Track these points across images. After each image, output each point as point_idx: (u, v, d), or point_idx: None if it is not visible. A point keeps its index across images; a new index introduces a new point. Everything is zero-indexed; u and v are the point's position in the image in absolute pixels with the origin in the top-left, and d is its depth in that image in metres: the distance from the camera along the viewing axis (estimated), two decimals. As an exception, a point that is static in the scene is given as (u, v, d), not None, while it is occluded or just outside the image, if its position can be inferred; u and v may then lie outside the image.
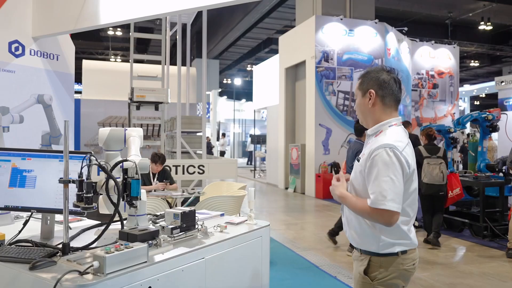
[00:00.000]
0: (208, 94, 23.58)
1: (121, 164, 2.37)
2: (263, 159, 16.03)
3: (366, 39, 10.87)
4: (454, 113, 13.66)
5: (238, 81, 25.39)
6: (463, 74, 27.82)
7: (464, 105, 24.24)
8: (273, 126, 13.10)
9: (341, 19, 10.60)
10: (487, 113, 6.46)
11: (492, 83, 15.21)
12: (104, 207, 2.68)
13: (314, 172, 10.38)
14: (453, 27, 21.16)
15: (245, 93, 28.04)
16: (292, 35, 11.98)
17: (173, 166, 7.44)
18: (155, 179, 5.87)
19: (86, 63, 11.70)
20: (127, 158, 2.53)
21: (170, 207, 5.61)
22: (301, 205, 9.34)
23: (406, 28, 12.12)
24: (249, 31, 23.86)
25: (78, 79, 12.07)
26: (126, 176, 2.28)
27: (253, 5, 18.14)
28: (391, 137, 1.79)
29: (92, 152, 2.24)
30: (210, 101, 22.95)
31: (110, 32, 24.17)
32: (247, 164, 17.52)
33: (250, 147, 18.88)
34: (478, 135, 7.65)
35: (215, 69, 29.55)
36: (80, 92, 11.88)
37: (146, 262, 1.89)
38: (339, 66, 10.62)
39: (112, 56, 25.79)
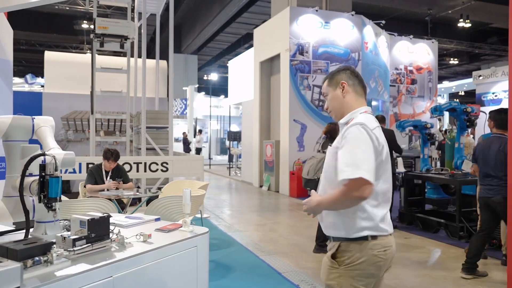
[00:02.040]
0: (185, 89, 23.01)
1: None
2: (240, 156, 15.59)
3: (342, 32, 10.52)
4: (432, 110, 13.47)
5: (215, 77, 24.87)
6: (443, 72, 27.83)
7: (443, 101, 24.21)
8: (248, 122, 12.68)
9: (317, 10, 10.22)
10: (467, 105, 6.15)
11: (471, 80, 15.09)
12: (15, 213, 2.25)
13: (289, 169, 10.00)
14: (433, 24, 21.08)
15: (224, 90, 27.59)
16: (267, 27, 11.56)
17: (134, 163, 6.95)
18: (108, 178, 5.38)
19: (48, 54, 11.02)
20: (46, 152, 2.10)
21: (123, 209, 5.14)
22: (274, 204, 8.95)
23: (383, 21, 11.82)
24: (228, 25, 23.39)
25: (42, 72, 11.42)
26: (43, 173, 1.85)
27: (230, -3, 17.71)
28: (362, 119, 1.84)
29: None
30: (187, 97, 22.39)
31: (85, 26, 23.43)
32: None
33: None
34: (455, 132, 7.36)
35: (194, 65, 28.96)
36: (43, 86, 11.28)
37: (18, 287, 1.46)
38: (315, 60, 10.25)
39: (88, 51, 25.05)
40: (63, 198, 4.42)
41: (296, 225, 6.72)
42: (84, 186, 5.32)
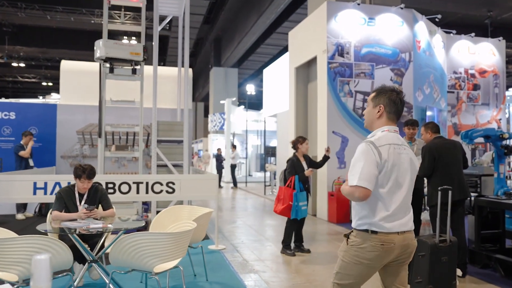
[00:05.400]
0: (223, 103, 22.08)
1: None
2: (276, 173, 14.21)
3: (390, 29, 9.02)
4: (500, 119, 11.48)
5: (252, 88, 23.86)
6: (507, 79, 25.18)
7: None
8: (284, 136, 11.33)
9: (359, 4, 8.80)
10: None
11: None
12: None
13: (327, 190, 8.53)
14: (494, 27, 19.01)
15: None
16: (302, 28, 10.26)
17: (134, 183, 5.79)
18: (83, 202, 4.22)
19: (64, 63, 10.29)
20: None
21: (93, 246, 3.93)
22: (308, 233, 7.45)
23: (439, 16, 10.16)
24: (268, 37, 22.41)
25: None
26: None
27: (267, 5, 16.65)
28: (375, 136, 2.36)
29: None
30: (224, 111, 21.42)
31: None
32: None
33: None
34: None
35: (234, 78, 28.15)
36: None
37: None
38: (357, 62, 8.80)
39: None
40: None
41: (334, 263, 5.25)
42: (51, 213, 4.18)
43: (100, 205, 4.32)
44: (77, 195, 4.23)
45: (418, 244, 3.89)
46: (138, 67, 7.46)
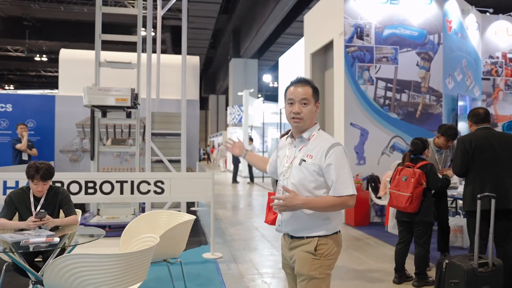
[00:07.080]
0: (240, 95, 21.30)
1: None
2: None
3: (416, 8, 8.02)
4: (542, 109, 10.30)
5: (269, 79, 22.96)
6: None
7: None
8: (299, 128, 10.45)
9: (380, -21, 7.84)
10: None
11: None
12: None
13: (344, 188, 7.65)
14: (532, 11, 17.54)
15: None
16: (319, 10, 9.35)
17: (117, 182, 5.09)
18: (38, 208, 3.54)
19: (63, 52, 9.73)
20: None
21: (45, 260, 3.25)
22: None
23: (473, -8, 9.07)
24: (288, 26, 21.53)
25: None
26: None
27: (283, -10, 15.79)
28: (331, 138, 2.23)
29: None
30: (243, 103, 20.64)
31: (143, 33, 22.77)
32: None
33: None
34: None
35: (253, 69, 27.34)
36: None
37: None
38: (378, 45, 7.85)
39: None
40: None
41: (357, 276, 4.41)
42: (-1, 221, 3.51)
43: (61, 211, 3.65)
44: (32, 199, 3.55)
45: (450, 268, 3.04)
46: (133, 110, 6.66)
